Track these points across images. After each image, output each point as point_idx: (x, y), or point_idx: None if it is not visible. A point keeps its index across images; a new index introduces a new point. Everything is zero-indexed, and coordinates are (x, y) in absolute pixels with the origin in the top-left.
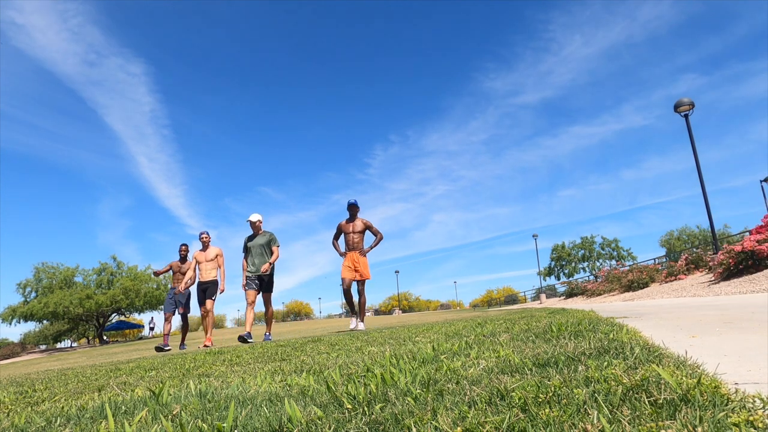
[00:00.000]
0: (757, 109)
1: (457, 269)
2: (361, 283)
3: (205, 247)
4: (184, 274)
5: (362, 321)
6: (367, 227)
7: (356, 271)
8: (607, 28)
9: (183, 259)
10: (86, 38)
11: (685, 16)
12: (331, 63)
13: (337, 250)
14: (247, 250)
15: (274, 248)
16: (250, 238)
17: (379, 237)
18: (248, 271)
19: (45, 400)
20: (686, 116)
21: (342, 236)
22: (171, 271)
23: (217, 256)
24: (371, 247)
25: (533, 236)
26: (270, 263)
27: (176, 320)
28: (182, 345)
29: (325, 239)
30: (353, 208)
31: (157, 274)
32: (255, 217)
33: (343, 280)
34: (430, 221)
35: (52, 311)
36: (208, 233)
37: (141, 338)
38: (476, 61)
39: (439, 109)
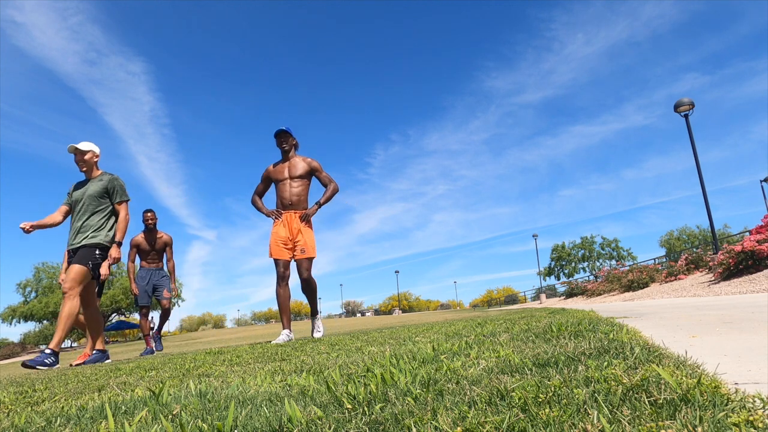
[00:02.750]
0: (758, 108)
1: (457, 269)
2: (304, 263)
3: (150, 230)
4: (158, 252)
5: (318, 318)
6: (314, 171)
7: (295, 244)
8: (609, 27)
9: (151, 230)
10: (86, 37)
11: (686, 15)
12: (332, 62)
13: (259, 208)
14: (71, 205)
15: (118, 206)
16: (78, 186)
17: (332, 187)
18: (69, 244)
19: (45, 400)
20: (686, 116)
21: (272, 188)
22: (136, 250)
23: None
24: (320, 204)
25: (533, 236)
26: (115, 242)
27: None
28: (157, 342)
29: (325, 238)
30: (284, 137)
31: (131, 278)
32: (77, 146)
33: (276, 262)
34: (430, 221)
35: (52, 311)
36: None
37: (141, 338)
38: (477, 60)
39: (440, 108)
